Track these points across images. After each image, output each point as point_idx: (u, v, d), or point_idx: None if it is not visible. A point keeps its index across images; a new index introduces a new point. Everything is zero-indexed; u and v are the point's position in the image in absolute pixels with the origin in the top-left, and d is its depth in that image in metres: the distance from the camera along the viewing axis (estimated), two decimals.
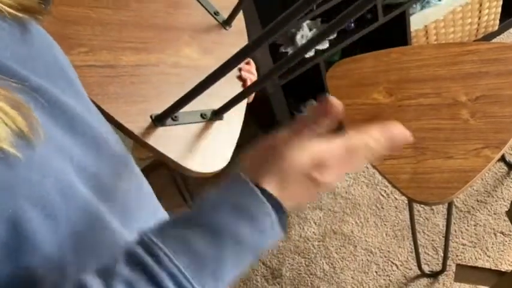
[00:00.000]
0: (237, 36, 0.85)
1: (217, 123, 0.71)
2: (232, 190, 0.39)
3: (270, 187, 0.39)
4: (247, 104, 0.81)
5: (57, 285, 0.38)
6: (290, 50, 1.69)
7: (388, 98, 1.33)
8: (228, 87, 0.73)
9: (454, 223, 1.54)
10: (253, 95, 0.84)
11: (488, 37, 2.03)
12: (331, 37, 1.70)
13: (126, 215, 0.49)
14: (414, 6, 1.81)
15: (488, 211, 1.55)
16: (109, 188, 0.47)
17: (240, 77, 0.81)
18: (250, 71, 0.83)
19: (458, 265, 1.32)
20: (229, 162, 0.68)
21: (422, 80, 1.33)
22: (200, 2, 0.85)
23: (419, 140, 1.20)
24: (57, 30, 0.65)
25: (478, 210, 1.56)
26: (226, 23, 0.85)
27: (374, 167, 1.19)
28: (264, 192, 0.38)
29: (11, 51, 0.41)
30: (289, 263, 1.62)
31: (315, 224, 1.71)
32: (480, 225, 1.53)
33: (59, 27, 0.66)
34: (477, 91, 1.24)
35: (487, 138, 1.14)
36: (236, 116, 0.75)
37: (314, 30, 1.72)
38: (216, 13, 0.85)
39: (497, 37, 2.07)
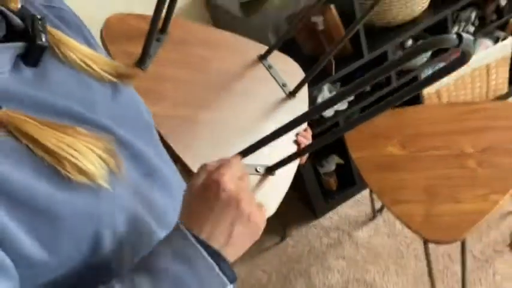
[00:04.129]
0: (299, 105, 0.95)
1: (269, 178, 0.77)
2: (173, 239, 0.47)
3: (199, 228, 0.47)
4: (300, 165, 0.88)
5: None
6: None
7: (402, 151, 1.47)
8: (284, 149, 0.80)
9: (473, 271, 1.60)
10: (305, 158, 0.91)
11: (499, 99, 2.18)
12: (350, 99, 1.87)
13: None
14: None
15: (505, 260, 1.61)
16: (171, 220, 0.57)
17: (296, 142, 0.88)
18: (306, 137, 0.89)
19: None
20: None
21: (433, 135, 1.47)
22: (271, 74, 0.97)
23: (431, 186, 1.32)
24: (149, 85, 0.75)
25: (496, 259, 1.63)
26: (292, 93, 0.96)
27: (390, 210, 1.30)
28: (201, 242, 0.46)
29: (104, 109, 0.53)
30: None
31: (338, 272, 1.79)
32: (498, 274, 1.59)
33: (151, 83, 0.76)
34: (483, 143, 1.37)
35: (493, 184, 1.26)
36: (287, 175, 0.82)
37: (334, 93, 1.91)
38: (284, 85, 0.97)
39: (509, 99, 2.21)
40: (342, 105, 1.86)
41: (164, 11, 0.77)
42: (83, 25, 0.61)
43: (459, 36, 0.46)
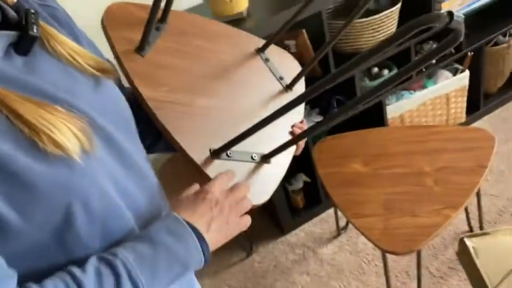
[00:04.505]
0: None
1: (264, 166, 0.80)
2: (167, 221, 0.60)
3: (187, 217, 0.60)
4: (295, 156, 0.90)
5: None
6: None
7: (365, 168, 1.55)
8: (280, 139, 0.81)
9: (429, 287, 1.68)
10: (301, 149, 0.93)
11: None
12: (318, 119, 1.96)
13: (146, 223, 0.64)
14: (390, 97, 2.10)
15: (460, 277, 1.69)
16: (142, 209, 0.64)
17: (291, 133, 0.90)
18: (302, 128, 0.92)
19: None
20: None
21: (395, 154, 1.56)
22: (269, 68, 0.98)
23: (390, 201, 1.40)
24: (147, 71, 0.76)
25: (451, 276, 1.71)
26: (289, 87, 0.97)
27: (351, 223, 1.37)
28: (189, 224, 0.59)
29: (85, 98, 0.59)
30: None
31: (302, 287, 1.84)
32: None
33: (151, 68, 0.77)
34: (439, 163, 1.47)
35: (447, 200, 1.35)
36: (282, 163, 0.85)
37: (304, 113, 1.99)
38: (281, 78, 0.98)
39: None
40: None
41: (164, 1, 0.79)
42: (74, 24, 0.67)
43: (450, 14, 0.49)
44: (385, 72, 1.99)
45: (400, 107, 2.09)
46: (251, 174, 0.77)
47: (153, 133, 0.80)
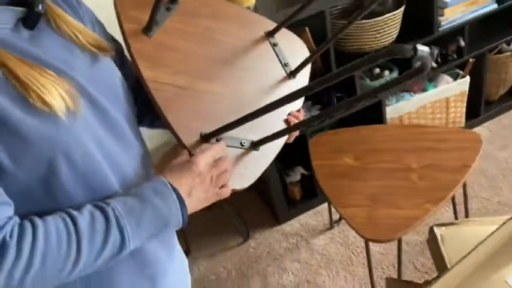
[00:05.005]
0: (297, 87, 0.93)
1: (252, 152, 0.82)
2: (156, 182, 0.69)
3: (173, 182, 0.69)
4: (287, 143, 0.92)
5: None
6: None
7: (355, 162, 1.63)
8: (274, 126, 0.84)
9: (413, 280, 1.75)
10: (293, 137, 0.93)
11: None
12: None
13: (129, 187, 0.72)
14: (390, 98, 2.17)
15: None
16: (127, 173, 0.73)
17: (286, 121, 0.91)
18: (297, 117, 0.93)
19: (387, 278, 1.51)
20: None
21: (385, 150, 1.64)
22: (275, 52, 0.98)
23: (376, 194, 1.48)
24: (152, 51, 0.78)
25: (434, 271, 1.78)
26: (292, 74, 0.97)
27: (337, 211, 1.46)
28: (173, 188, 0.68)
29: (80, 70, 0.68)
30: None
31: (292, 274, 1.92)
32: None
33: (156, 49, 0.79)
34: (426, 161, 1.54)
35: (429, 195, 1.42)
36: (270, 151, 0.86)
37: (304, 109, 2.08)
38: (286, 64, 0.98)
39: None
40: None
41: None
42: (80, 5, 0.76)
43: (414, 48, 0.55)
44: (386, 73, 2.06)
45: (399, 109, 2.15)
46: (238, 160, 0.80)
47: (153, 110, 0.89)
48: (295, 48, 1.04)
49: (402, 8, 1.92)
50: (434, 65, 2.16)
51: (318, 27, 1.78)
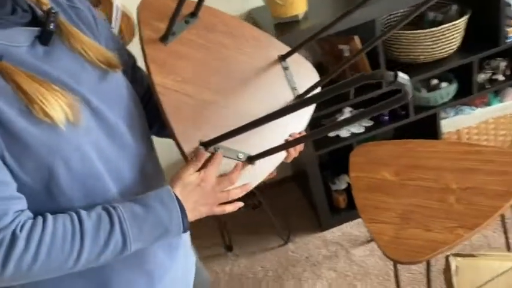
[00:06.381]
0: (303, 111, 0.90)
1: (247, 167, 0.83)
2: (163, 192, 0.74)
3: (179, 195, 0.75)
4: (286, 162, 0.92)
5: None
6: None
7: (394, 177, 1.58)
8: (274, 145, 0.83)
9: None
10: (292, 157, 0.93)
11: None
12: (368, 124, 2.00)
13: (128, 193, 0.79)
14: (448, 111, 2.06)
15: None
16: (127, 181, 0.79)
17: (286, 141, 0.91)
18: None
19: None
20: None
21: (426, 167, 1.58)
22: (286, 76, 1.00)
23: (408, 212, 1.43)
24: (165, 58, 0.82)
25: None
26: (299, 97, 0.98)
27: (366, 226, 1.43)
28: (178, 200, 0.74)
29: (87, 83, 0.74)
30: None
31: (327, 282, 1.92)
32: None
33: (168, 57, 0.82)
34: (468, 183, 1.46)
35: (464, 220, 1.35)
36: (264, 168, 0.87)
37: (344, 114, 2.05)
38: (295, 88, 1.00)
39: None
40: (359, 129, 1.99)
41: None
42: (97, 23, 0.83)
43: (395, 75, 0.55)
44: (443, 85, 1.97)
45: (457, 122, 2.04)
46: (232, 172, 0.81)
47: (160, 119, 0.95)
48: (305, 74, 1.05)
49: (465, 18, 1.81)
50: (502, 77, 2.02)
51: (368, 35, 1.75)
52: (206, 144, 0.78)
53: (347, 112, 2.01)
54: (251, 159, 0.83)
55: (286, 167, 2.47)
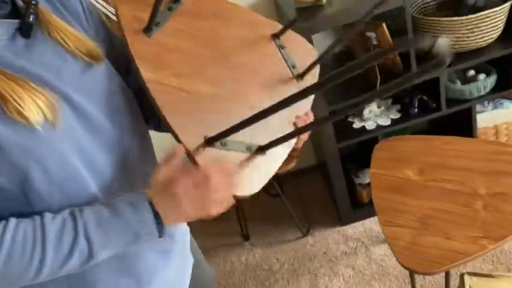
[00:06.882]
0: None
1: (258, 157, 0.77)
2: (133, 196, 0.69)
3: (154, 201, 0.68)
4: (298, 152, 0.87)
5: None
6: (356, 121, 1.91)
7: (417, 177, 1.47)
8: (282, 130, 0.78)
9: None
10: (302, 142, 0.88)
11: None
12: (395, 116, 1.88)
13: (112, 194, 0.72)
14: (486, 104, 1.91)
15: None
16: (110, 181, 0.73)
17: (295, 124, 0.86)
18: (305, 121, 0.87)
19: None
20: None
21: (454, 168, 1.46)
22: (282, 54, 0.93)
23: (428, 216, 1.33)
24: (152, 52, 0.76)
25: None
26: (300, 76, 0.92)
27: (382, 228, 1.34)
28: (150, 203, 0.67)
29: (69, 78, 0.69)
30: None
31: (344, 279, 1.84)
32: None
33: (161, 50, 0.77)
34: (497, 188, 1.34)
35: (489, 230, 1.23)
36: (278, 155, 0.81)
37: (382, 108, 1.93)
38: (294, 66, 0.93)
39: None
40: (386, 121, 1.87)
41: None
42: (84, 13, 0.78)
43: (434, 39, 0.48)
44: (481, 76, 1.81)
45: (495, 117, 1.89)
46: (244, 165, 0.76)
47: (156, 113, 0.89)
48: (302, 50, 0.97)
49: (509, 3, 1.65)
50: None
51: (397, 22, 1.62)
52: (212, 140, 0.72)
53: (375, 104, 1.89)
54: (261, 150, 0.76)
55: (310, 155, 2.38)
